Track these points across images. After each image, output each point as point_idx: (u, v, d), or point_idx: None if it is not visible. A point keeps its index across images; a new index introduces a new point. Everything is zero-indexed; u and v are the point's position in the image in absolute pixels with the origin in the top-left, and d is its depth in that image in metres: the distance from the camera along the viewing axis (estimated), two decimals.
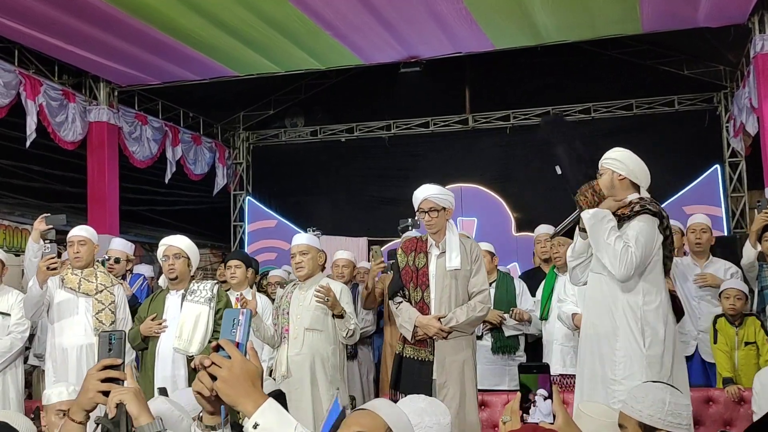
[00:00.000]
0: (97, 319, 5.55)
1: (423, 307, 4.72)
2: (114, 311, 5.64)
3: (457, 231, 4.88)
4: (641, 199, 4.08)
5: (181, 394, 3.55)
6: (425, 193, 4.80)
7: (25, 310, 5.55)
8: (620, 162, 4.14)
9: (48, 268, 5.25)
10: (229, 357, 1.80)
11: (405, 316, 4.72)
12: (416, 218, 6.57)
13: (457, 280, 4.75)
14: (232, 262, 6.29)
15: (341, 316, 5.16)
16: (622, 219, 4.04)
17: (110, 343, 2.08)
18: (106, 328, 5.60)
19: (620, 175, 4.13)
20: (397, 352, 4.84)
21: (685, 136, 11.19)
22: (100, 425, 2.04)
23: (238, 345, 1.83)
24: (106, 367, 2.05)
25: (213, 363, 1.79)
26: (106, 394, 2.01)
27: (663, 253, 4.06)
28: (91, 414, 2.11)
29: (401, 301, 4.79)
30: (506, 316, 6.31)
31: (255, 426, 1.76)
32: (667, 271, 4.17)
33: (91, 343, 5.50)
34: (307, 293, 5.27)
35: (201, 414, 1.91)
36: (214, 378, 1.79)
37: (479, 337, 6.28)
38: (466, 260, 4.76)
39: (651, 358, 3.89)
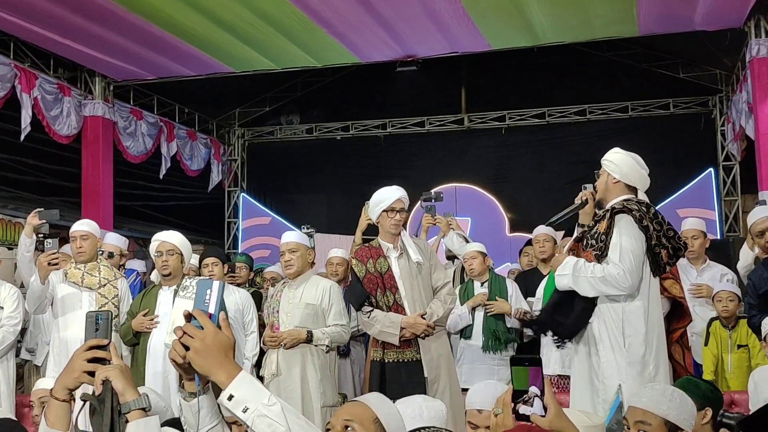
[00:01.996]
0: None
1: (398, 309, 4.73)
2: (117, 305, 5.64)
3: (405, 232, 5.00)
4: (626, 200, 4.06)
5: None
6: (399, 193, 4.84)
7: (28, 305, 5.55)
8: (615, 165, 4.14)
9: (49, 264, 5.28)
10: (202, 327, 1.82)
11: (385, 321, 4.69)
12: (440, 192, 6.60)
13: (421, 275, 4.83)
14: (209, 260, 6.07)
15: (310, 341, 5.12)
16: (602, 218, 4.04)
17: (97, 324, 2.07)
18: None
19: (614, 178, 4.13)
20: (377, 360, 4.77)
21: (679, 139, 11.22)
22: (86, 402, 2.04)
23: (210, 316, 1.84)
24: (92, 348, 2.05)
25: (185, 333, 1.82)
26: (92, 374, 2.01)
27: (650, 250, 4.02)
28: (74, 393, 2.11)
29: (371, 310, 4.75)
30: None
31: (230, 398, 1.79)
32: (661, 268, 4.11)
33: None
34: (297, 291, 5.26)
35: (182, 381, 1.95)
36: (187, 348, 1.81)
37: (467, 337, 6.27)
38: (424, 257, 4.86)
39: (632, 357, 3.89)
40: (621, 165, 4.13)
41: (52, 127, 8.87)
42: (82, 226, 5.70)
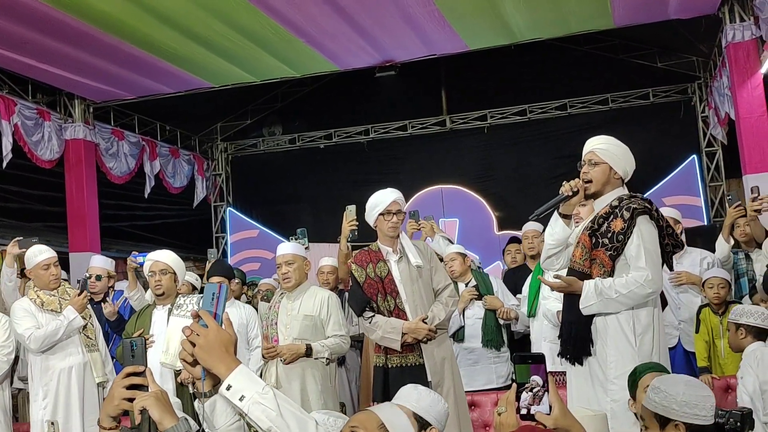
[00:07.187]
0: (86, 335, 5.54)
1: (399, 314, 4.70)
2: (93, 323, 5.68)
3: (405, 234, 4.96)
4: (633, 197, 3.93)
5: None
6: (394, 195, 4.80)
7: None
8: (620, 159, 4.00)
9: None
10: (206, 326, 2.05)
11: (387, 327, 4.66)
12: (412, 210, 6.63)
13: (422, 279, 4.79)
14: (215, 279, 6.07)
15: (309, 355, 5.11)
16: (612, 216, 3.89)
17: (132, 350, 2.20)
18: (93, 342, 5.62)
19: (617, 173, 3.98)
20: (379, 365, 4.75)
21: (661, 128, 11.27)
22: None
23: (215, 316, 2.07)
24: (129, 374, 2.16)
25: (192, 331, 2.04)
26: (131, 400, 2.13)
27: (662, 248, 3.94)
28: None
29: (373, 315, 4.73)
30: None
31: (228, 388, 2.02)
32: (668, 265, 4.07)
33: (86, 362, 5.50)
34: (295, 303, 5.25)
35: (195, 388, 2.08)
36: (194, 345, 2.03)
37: (461, 340, 6.26)
38: (424, 260, 4.83)
39: (643, 355, 3.79)
40: (624, 160, 4.00)
41: (34, 153, 8.83)
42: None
